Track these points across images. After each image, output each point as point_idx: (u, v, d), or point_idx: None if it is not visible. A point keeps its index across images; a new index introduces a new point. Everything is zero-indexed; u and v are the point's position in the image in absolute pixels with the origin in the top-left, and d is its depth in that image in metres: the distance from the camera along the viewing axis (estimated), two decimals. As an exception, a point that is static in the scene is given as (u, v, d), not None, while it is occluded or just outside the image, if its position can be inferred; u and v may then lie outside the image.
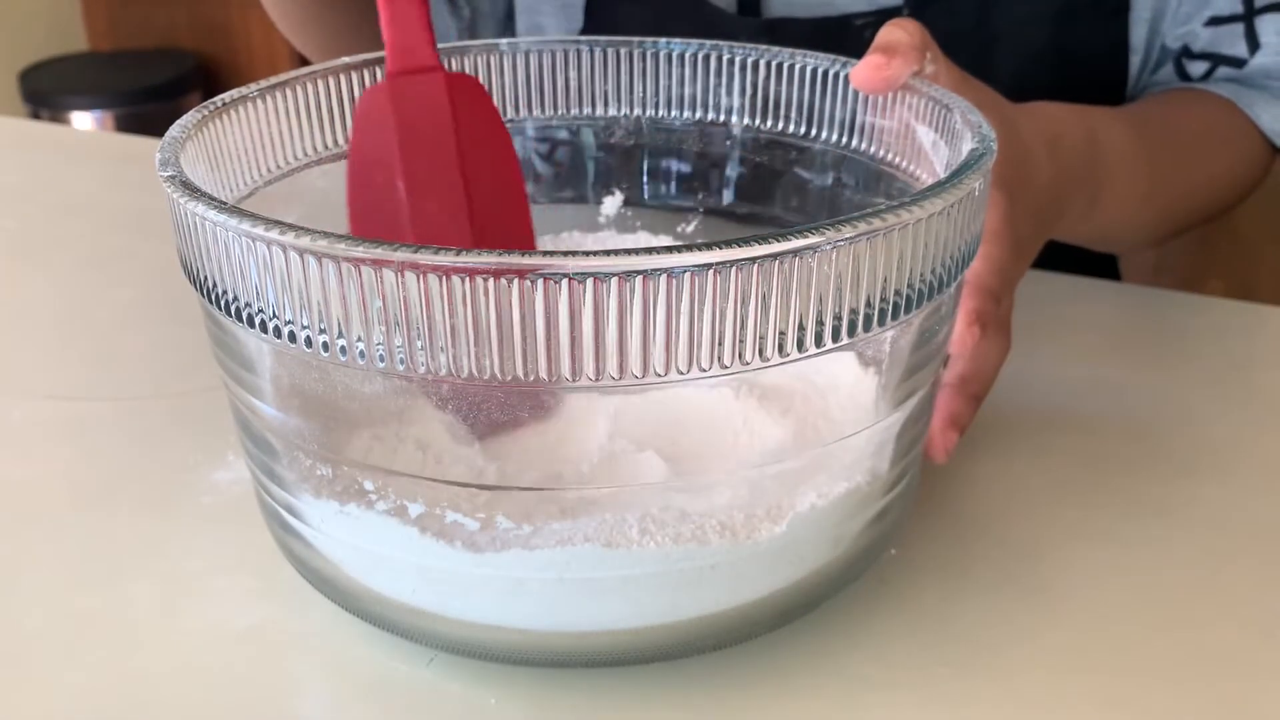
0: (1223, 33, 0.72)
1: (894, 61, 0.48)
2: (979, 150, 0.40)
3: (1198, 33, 0.72)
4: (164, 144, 0.41)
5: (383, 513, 0.40)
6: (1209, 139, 0.72)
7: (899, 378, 0.41)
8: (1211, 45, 0.72)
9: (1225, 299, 0.69)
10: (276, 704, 0.42)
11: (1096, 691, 0.42)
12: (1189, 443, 0.56)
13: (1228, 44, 0.72)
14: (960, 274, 0.40)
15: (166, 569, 0.48)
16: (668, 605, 0.40)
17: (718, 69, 0.55)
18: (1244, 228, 1.28)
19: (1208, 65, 0.73)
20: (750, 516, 0.40)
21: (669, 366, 0.34)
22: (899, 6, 0.73)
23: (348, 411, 0.41)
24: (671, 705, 0.41)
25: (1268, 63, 0.71)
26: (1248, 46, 0.71)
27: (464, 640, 0.41)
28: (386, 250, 0.33)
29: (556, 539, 0.39)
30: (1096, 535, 0.49)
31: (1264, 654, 0.44)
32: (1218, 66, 0.73)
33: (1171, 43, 0.74)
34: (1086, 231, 0.66)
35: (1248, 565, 0.48)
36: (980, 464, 0.53)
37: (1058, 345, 0.63)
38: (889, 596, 0.46)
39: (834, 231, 0.34)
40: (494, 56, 0.55)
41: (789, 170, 0.55)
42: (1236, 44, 0.72)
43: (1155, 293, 0.71)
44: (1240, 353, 0.65)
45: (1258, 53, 0.71)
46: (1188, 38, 0.73)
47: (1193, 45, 0.73)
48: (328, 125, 0.51)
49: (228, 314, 0.37)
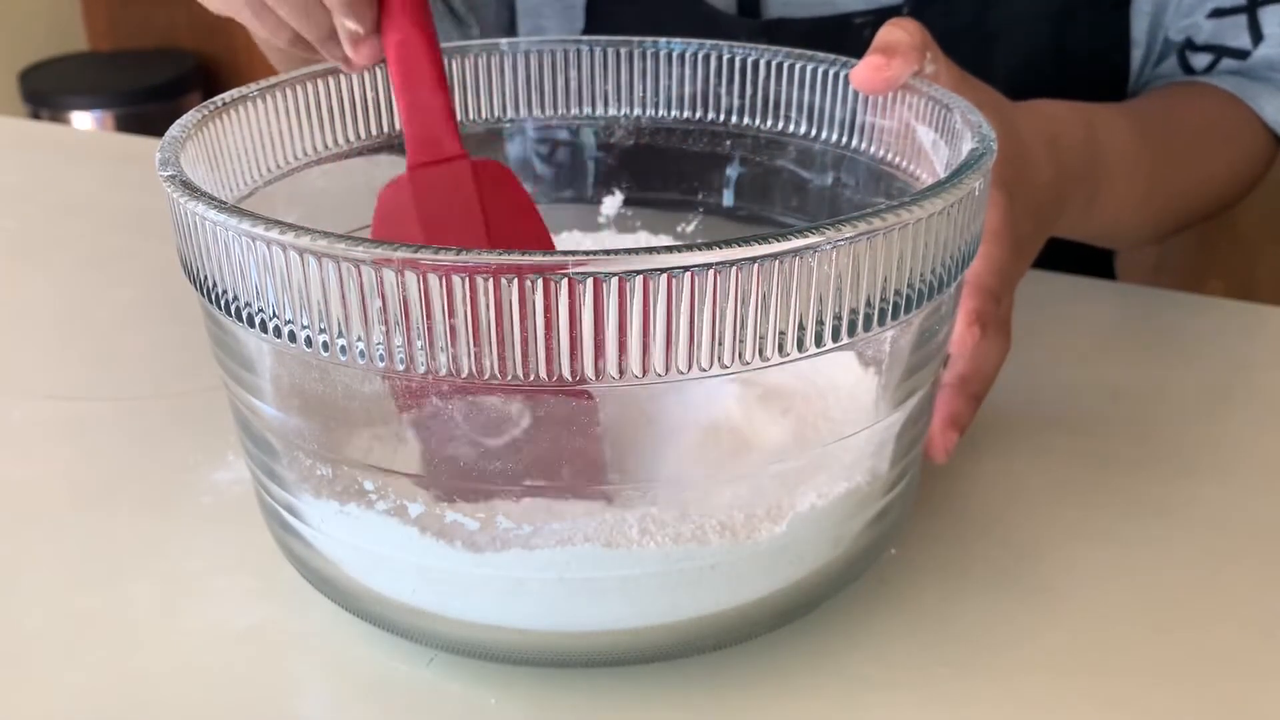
0: (1226, 24, 0.72)
1: (894, 62, 0.48)
2: (979, 150, 0.40)
3: (1200, 25, 0.72)
4: (164, 144, 0.41)
5: (383, 513, 0.40)
6: (1211, 135, 0.72)
7: (899, 378, 0.41)
8: (1214, 37, 0.72)
9: (1225, 299, 0.69)
10: (276, 704, 0.42)
11: (1096, 691, 0.42)
12: (1189, 443, 0.56)
13: (1231, 36, 0.72)
14: (960, 274, 0.40)
15: (166, 569, 0.48)
16: (668, 605, 0.40)
17: (718, 69, 0.55)
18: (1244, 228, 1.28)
19: (1211, 57, 0.73)
20: (750, 516, 0.40)
21: (669, 366, 0.34)
22: (898, 5, 0.73)
23: (348, 411, 0.41)
24: (671, 705, 0.41)
25: (1271, 54, 0.71)
26: (1251, 38, 0.71)
27: (464, 640, 0.41)
28: (386, 250, 0.33)
29: (556, 539, 0.39)
30: (1096, 535, 0.49)
31: (1264, 654, 0.44)
32: (1221, 58, 0.73)
33: (1174, 35, 0.74)
34: (1086, 228, 0.66)
35: (1248, 565, 0.48)
36: (980, 464, 0.53)
37: (1058, 345, 0.63)
38: (889, 596, 0.46)
39: (834, 231, 0.34)
40: (494, 56, 0.55)
41: (789, 170, 0.55)
42: (1240, 35, 0.72)
43: (1155, 293, 0.71)
44: (1240, 353, 0.65)
45: (1261, 44, 0.71)
46: (1190, 30, 0.73)
47: (1196, 38, 0.73)
48: (328, 125, 0.51)
49: (228, 314, 0.37)
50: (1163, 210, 0.71)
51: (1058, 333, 0.64)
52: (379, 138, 0.53)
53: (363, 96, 0.52)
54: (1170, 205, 0.71)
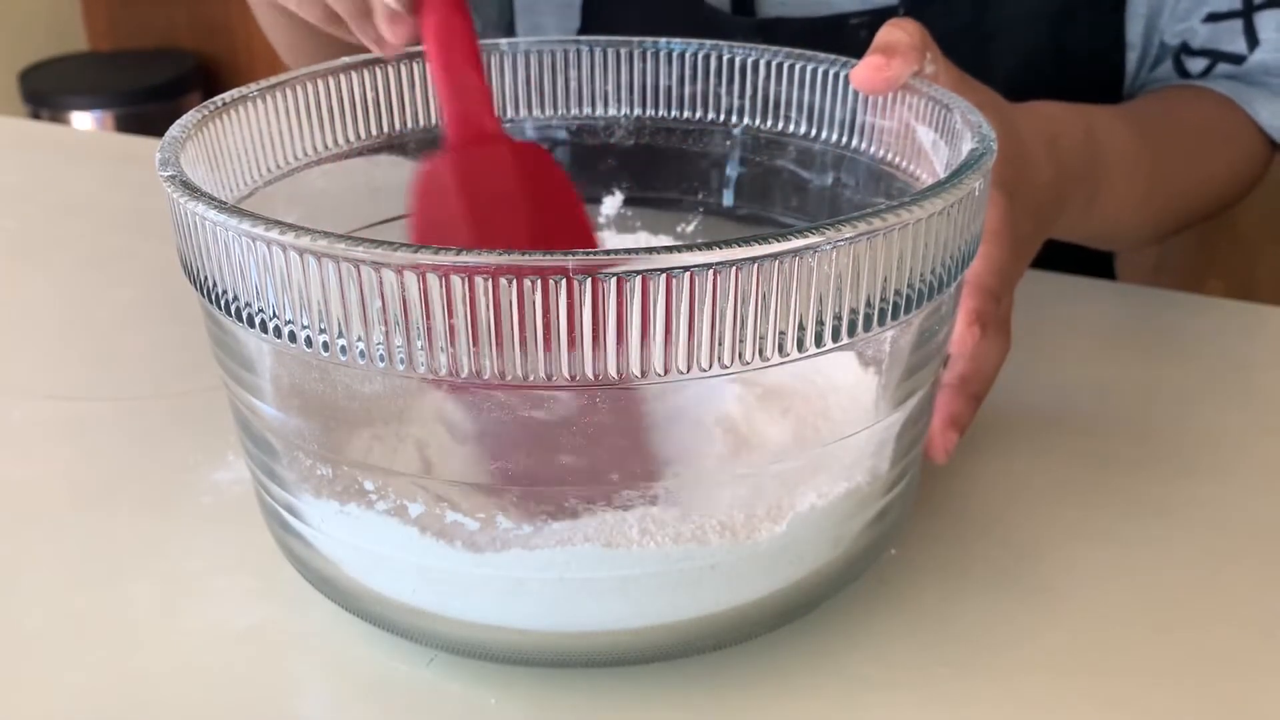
0: (1222, 29, 0.72)
1: (893, 62, 0.48)
2: (979, 150, 0.40)
3: (1196, 29, 0.72)
4: (164, 144, 0.41)
5: (383, 513, 0.40)
6: (1210, 136, 0.73)
7: (899, 378, 0.41)
8: (1210, 41, 0.73)
9: (1225, 299, 0.69)
10: (276, 704, 0.42)
11: (1096, 691, 0.42)
12: (1189, 443, 0.56)
13: (1227, 40, 0.72)
14: (960, 274, 0.40)
15: (166, 569, 0.48)
16: (668, 605, 0.40)
17: (718, 69, 0.55)
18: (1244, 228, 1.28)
19: (1207, 62, 0.73)
20: (750, 516, 0.40)
21: (669, 366, 0.34)
22: (894, 6, 0.73)
23: (348, 411, 0.41)
24: (671, 705, 0.41)
25: (1267, 59, 0.71)
26: (1247, 43, 0.72)
27: (464, 640, 0.41)
28: (386, 250, 0.33)
29: (556, 539, 0.39)
30: (1096, 535, 0.49)
31: (1264, 654, 0.44)
32: (1217, 63, 0.73)
33: (1170, 39, 0.74)
34: (1085, 229, 0.66)
35: (1248, 565, 0.48)
36: (980, 464, 0.53)
37: (1058, 345, 0.63)
38: (889, 596, 0.46)
39: (834, 231, 0.34)
40: (494, 56, 0.55)
41: (789, 170, 0.55)
42: (1235, 40, 0.72)
43: (1155, 293, 0.71)
44: (1240, 353, 0.65)
45: (1257, 49, 0.71)
46: (1186, 34, 0.73)
47: (1191, 42, 0.73)
48: (328, 125, 0.51)
49: (228, 314, 0.37)
50: (1163, 210, 0.71)
51: (1058, 333, 0.64)
52: (379, 138, 0.53)
53: (363, 96, 0.52)
54: (1170, 205, 0.71)
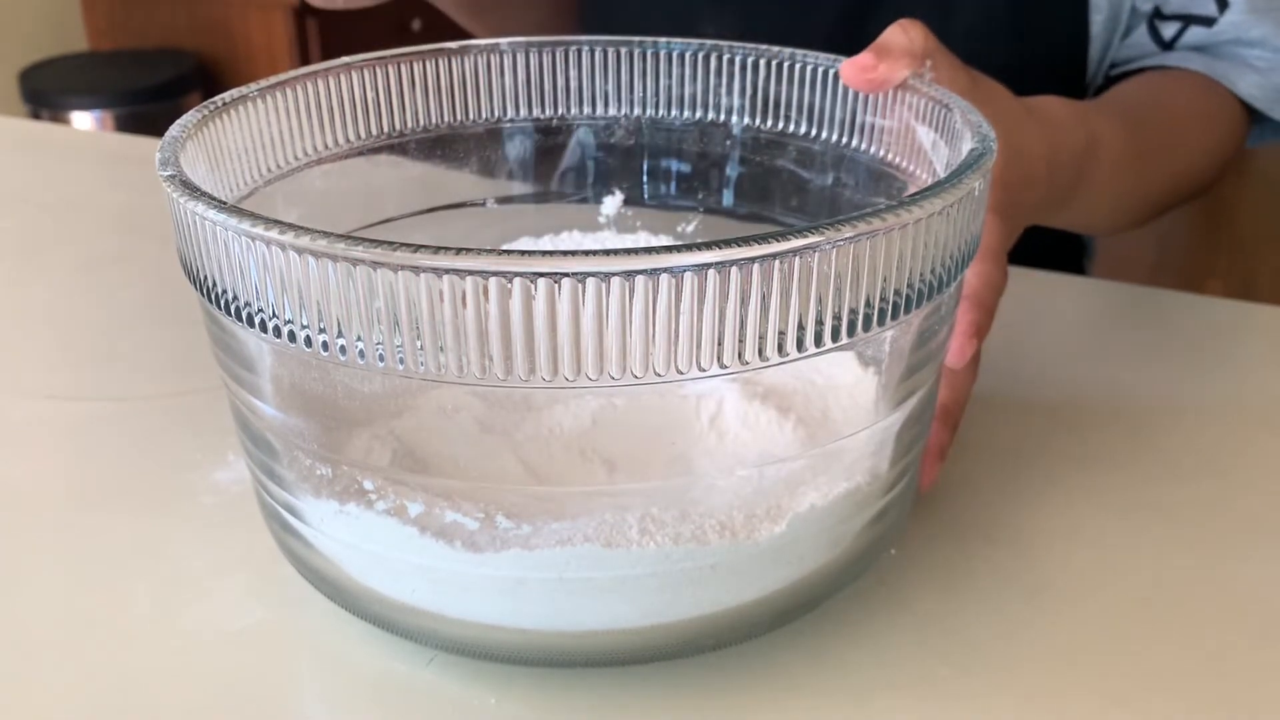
0: None
1: (881, 66, 0.48)
2: (979, 150, 0.40)
3: None
4: (164, 144, 0.41)
5: (382, 512, 0.40)
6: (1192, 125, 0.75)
7: (899, 378, 0.41)
8: (1182, 6, 0.75)
9: (1225, 299, 0.69)
10: (276, 704, 0.42)
11: (1096, 691, 0.42)
12: (1188, 442, 0.56)
13: (1198, 4, 0.75)
14: (960, 274, 0.40)
15: (166, 569, 0.48)
16: (668, 605, 0.40)
17: (718, 69, 0.55)
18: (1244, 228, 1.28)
19: (1179, 25, 0.76)
20: (750, 516, 0.40)
21: (669, 366, 0.34)
22: None
23: (348, 411, 0.41)
24: (671, 705, 0.41)
25: (1237, 20, 0.74)
26: (1216, 5, 0.75)
27: (464, 640, 0.41)
28: (386, 250, 0.33)
29: (556, 539, 0.39)
30: (1097, 535, 0.49)
31: (1264, 654, 0.44)
32: (1189, 26, 0.76)
33: (1141, 4, 0.76)
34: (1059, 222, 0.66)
35: (1247, 565, 0.48)
36: (979, 464, 0.53)
37: (1057, 344, 0.63)
38: (889, 596, 0.46)
39: (834, 231, 0.34)
40: (494, 56, 0.55)
41: (789, 170, 0.55)
42: (1206, 3, 0.75)
43: (1155, 293, 0.71)
44: (1240, 353, 0.65)
45: (1226, 11, 0.74)
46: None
47: (1164, 7, 0.76)
48: (328, 125, 0.51)
49: (228, 314, 0.37)
50: (1142, 201, 0.73)
51: (1056, 332, 0.64)
52: (379, 138, 0.53)
53: (363, 96, 0.52)
54: (1150, 198, 0.73)
